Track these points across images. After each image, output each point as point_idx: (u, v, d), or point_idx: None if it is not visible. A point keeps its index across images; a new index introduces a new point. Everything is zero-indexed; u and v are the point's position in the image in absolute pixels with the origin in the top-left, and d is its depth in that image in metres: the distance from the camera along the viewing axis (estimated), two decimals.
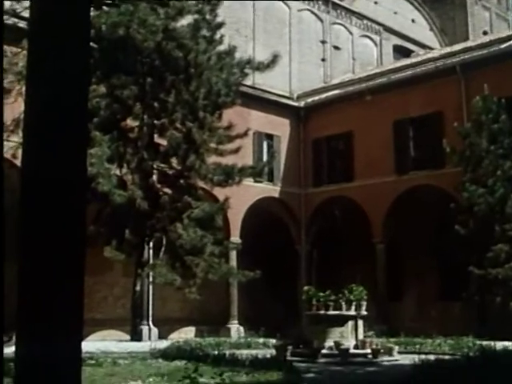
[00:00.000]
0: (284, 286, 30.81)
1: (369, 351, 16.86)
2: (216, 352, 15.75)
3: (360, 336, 17.57)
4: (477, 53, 28.96)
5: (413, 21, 48.42)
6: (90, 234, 17.47)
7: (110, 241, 20.00)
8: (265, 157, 30.78)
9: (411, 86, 29.40)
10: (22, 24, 16.76)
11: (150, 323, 25.06)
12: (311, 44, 40.85)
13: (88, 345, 15.34)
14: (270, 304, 30.19)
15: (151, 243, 22.02)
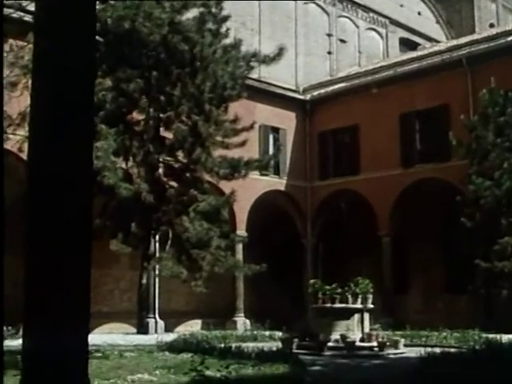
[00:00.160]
0: (290, 279, 30.85)
1: (375, 344, 16.87)
2: (222, 345, 15.77)
3: (366, 329, 17.58)
4: (483, 45, 28.88)
5: (419, 13, 48.23)
6: (96, 228, 17.46)
7: (116, 234, 20.01)
8: (271, 150, 30.78)
9: (417, 79, 29.34)
10: (28, 18, 16.77)
11: (157, 316, 25.13)
12: (317, 37, 40.74)
13: (95, 337, 15.37)
14: (276, 297, 30.23)
15: (157, 236, 22.03)
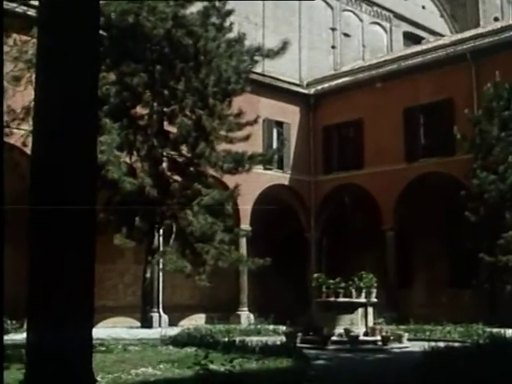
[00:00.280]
0: (294, 274, 30.86)
1: (379, 338, 16.90)
2: (226, 339, 15.80)
3: (370, 323, 17.60)
4: (488, 39, 28.78)
5: (423, 7, 48.05)
6: (100, 222, 17.45)
7: (120, 228, 20.03)
8: (275, 144, 30.78)
9: (421, 73, 29.27)
10: (32, 12, 16.76)
11: (161, 310, 25.18)
12: (321, 31, 40.63)
13: (99, 331, 15.42)
14: (280, 291, 30.23)
15: (161, 230, 22.07)
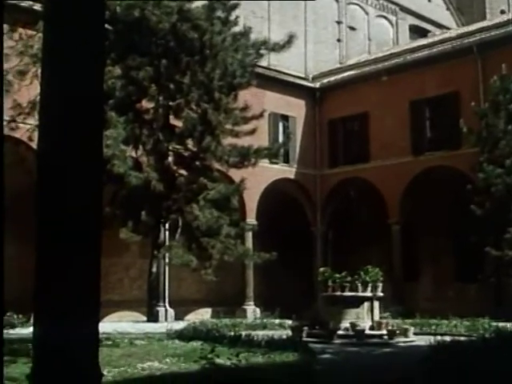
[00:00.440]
0: (300, 268, 30.86)
1: (384, 332, 16.90)
2: (232, 333, 15.84)
3: (376, 317, 17.61)
4: (494, 32, 28.69)
5: (429, 0, 47.93)
6: (106, 216, 17.46)
7: (126, 222, 20.03)
8: (280, 138, 30.73)
9: (427, 67, 29.20)
10: (37, 6, 16.75)
11: (167, 304, 25.23)
12: (327, 24, 40.56)
13: (105, 326, 15.46)
14: (286, 285, 30.25)
15: (167, 225, 22.08)
